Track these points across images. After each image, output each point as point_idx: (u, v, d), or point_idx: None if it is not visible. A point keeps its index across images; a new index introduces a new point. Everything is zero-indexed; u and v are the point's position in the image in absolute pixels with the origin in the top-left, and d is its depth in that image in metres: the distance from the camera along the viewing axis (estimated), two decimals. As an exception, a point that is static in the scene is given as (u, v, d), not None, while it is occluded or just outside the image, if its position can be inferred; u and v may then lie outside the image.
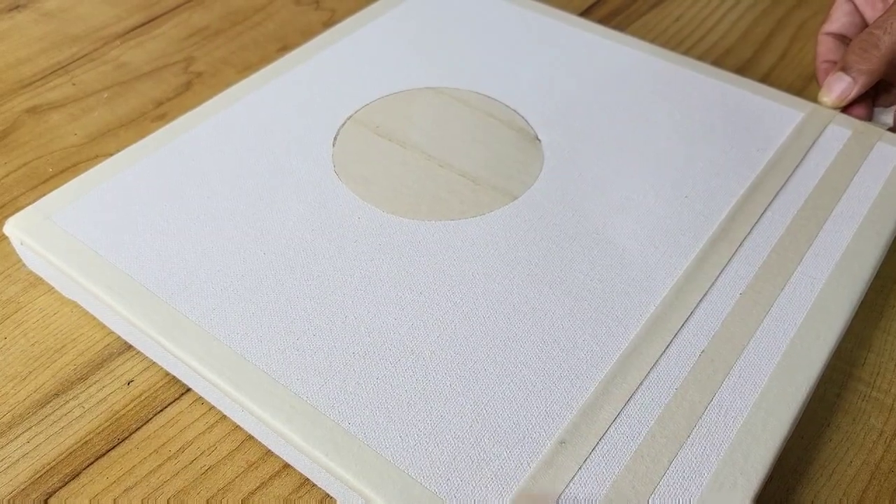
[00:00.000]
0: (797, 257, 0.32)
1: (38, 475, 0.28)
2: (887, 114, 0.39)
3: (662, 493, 0.25)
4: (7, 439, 0.29)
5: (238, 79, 0.40)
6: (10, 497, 0.27)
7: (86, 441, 0.29)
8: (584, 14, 0.51)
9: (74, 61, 0.47)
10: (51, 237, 0.32)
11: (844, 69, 0.37)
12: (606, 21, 0.50)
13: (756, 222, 0.33)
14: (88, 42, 0.48)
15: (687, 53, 0.45)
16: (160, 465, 0.28)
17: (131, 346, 0.32)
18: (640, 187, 0.35)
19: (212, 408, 0.30)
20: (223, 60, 0.47)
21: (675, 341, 0.29)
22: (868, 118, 0.39)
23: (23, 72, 0.46)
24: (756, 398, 0.27)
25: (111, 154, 0.36)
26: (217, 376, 0.27)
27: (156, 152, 0.36)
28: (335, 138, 0.37)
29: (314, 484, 0.28)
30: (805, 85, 0.45)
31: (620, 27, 0.49)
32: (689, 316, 0.30)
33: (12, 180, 0.39)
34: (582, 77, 0.41)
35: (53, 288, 0.34)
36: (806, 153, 0.36)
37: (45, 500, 0.27)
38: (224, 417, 0.30)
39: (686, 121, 0.38)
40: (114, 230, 0.32)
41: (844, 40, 0.40)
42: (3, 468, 0.28)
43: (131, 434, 0.29)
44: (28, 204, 0.33)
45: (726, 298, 0.30)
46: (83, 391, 0.31)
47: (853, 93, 0.38)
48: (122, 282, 0.30)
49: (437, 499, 0.24)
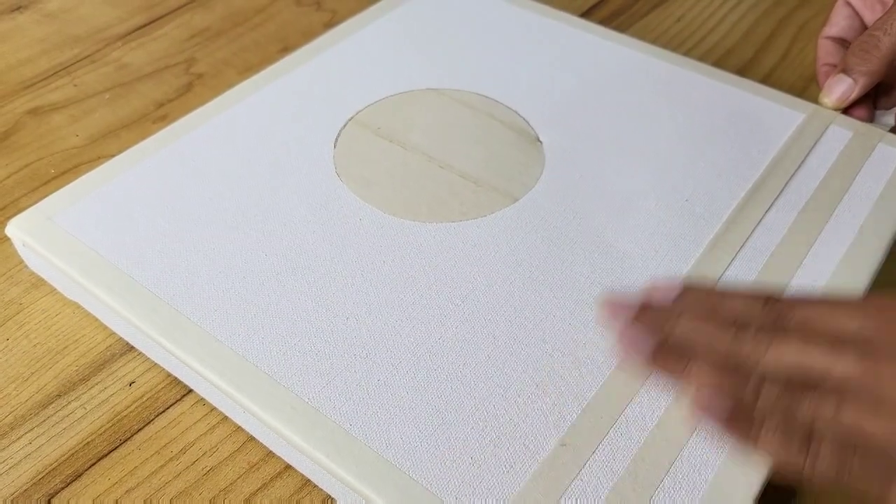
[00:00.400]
0: (798, 259, 0.32)
1: (41, 476, 0.28)
2: (888, 116, 0.39)
3: (663, 496, 0.25)
4: (9, 440, 0.29)
5: (239, 80, 0.40)
6: (13, 498, 0.28)
7: (88, 442, 0.29)
8: (585, 15, 0.51)
9: (76, 62, 0.47)
10: (53, 238, 0.32)
11: (845, 71, 0.37)
12: (607, 22, 0.50)
13: (757, 224, 0.33)
14: (90, 43, 0.48)
15: (688, 54, 0.45)
16: (162, 466, 0.28)
17: (133, 348, 0.32)
18: (641, 189, 0.35)
19: (213, 409, 0.30)
20: (224, 61, 0.47)
21: (676, 343, 0.29)
22: (869, 120, 0.39)
23: (24, 73, 0.46)
24: (756, 400, 0.27)
25: (113, 155, 0.36)
26: (218, 378, 0.27)
27: (157, 153, 0.36)
28: (336, 139, 0.37)
29: (315, 485, 0.28)
30: (806, 86, 0.45)
31: (621, 28, 0.49)
32: (690, 317, 0.30)
33: (14, 181, 0.40)
34: (583, 78, 0.41)
35: (55, 289, 0.34)
36: (807, 155, 0.36)
37: (48, 501, 0.28)
38: (226, 419, 0.30)
39: (687, 122, 0.38)
40: (115, 231, 0.32)
41: (844, 44, 0.41)
42: (6, 469, 0.28)
43: (133, 435, 0.29)
44: (30, 205, 0.33)
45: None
46: (85, 392, 0.31)
47: (854, 94, 0.38)
48: (124, 283, 0.30)
49: (438, 500, 0.24)
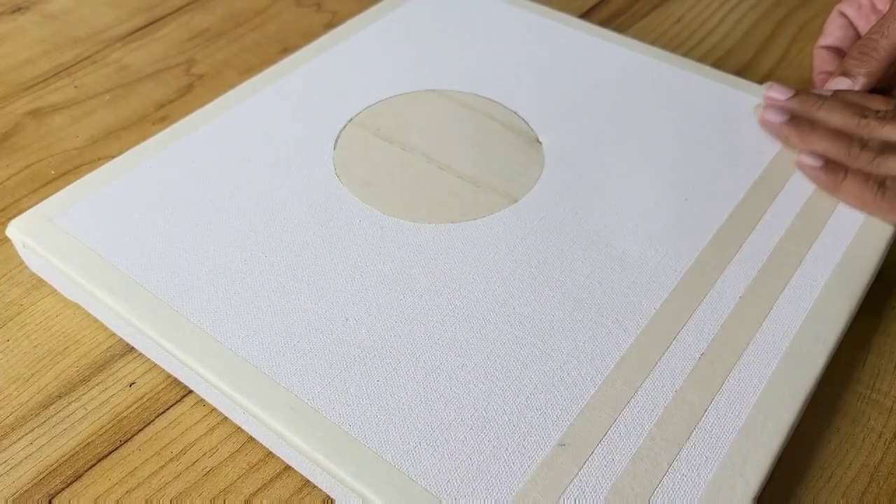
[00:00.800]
0: (796, 260, 0.32)
1: (41, 476, 0.28)
2: None
3: (662, 496, 0.25)
4: (10, 441, 0.29)
5: (239, 81, 0.41)
6: (14, 498, 0.28)
7: (88, 443, 0.29)
8: (585, 16, 0.51)
9: (76, 63, 0.47)
10: (53, 239, 0.32)
11: (844, 73, 0.38)
12: (607, 23, 0.50)
13: (755, 225, 0.33)
14: (90, 44, 0.49)
15: (687, 55, 0.45)
16: (162, 467, 0.28)
17: (133, 348, 0.32)
18: (641, 190, 0.35)
19: (213, 410, 0.30)
20: (224, 62, 0.47)
21: (675, 344, 0.29)
22: None
23: (25, 74, 0.46)
24: (755, 400, 0.27)
25: (113, 156, 0.36)
26: (218, 378, 0.27)
27: (157, 155, 0.36)
28: (336, 141, 0.37)
29: (315, 485, 0.28)
30: (806, 86, 0.45)
31: (621, 29, 0.49)
32: (689, 318, 0.30)
33: (14, 183, 0.40)
34: (582, 79, 0.41)
35: (56, 290, 0.34)
36: (806, 155, 0.36)
37: (48, 502, 0.28)
38: (225, 419, 0.30)
39: (686, 123, 0.38)
40: (116, 232, 0.32)
41: (839, 53, 0.41)
42: (6, 470, 0.28)
43: (133, 436, 0.29)
44: (30, 206, 0.34)
45: (726, 301, 0.30)
46: (85, 393, 0.31)
47: (853, 94, 0.38)
48: (124, 284, 0.30)
49: (437, 500, 0.24)
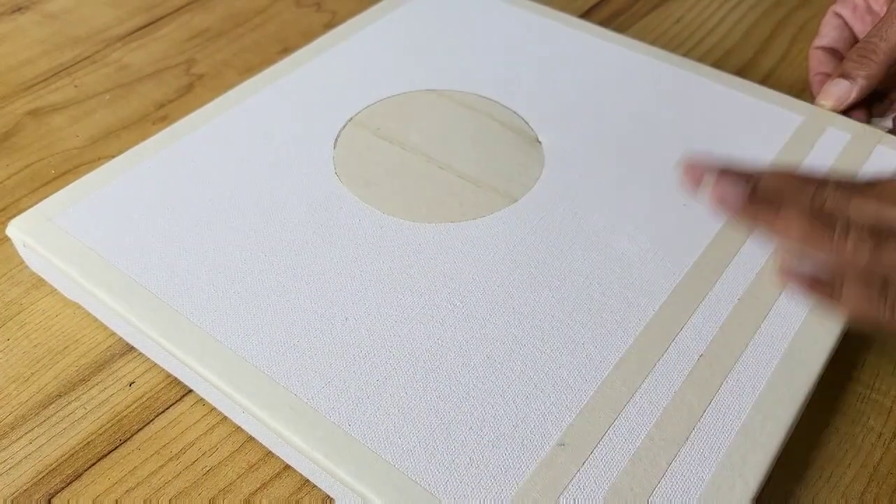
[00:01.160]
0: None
1: (41, 476, 0.28)
2: (884, 122, 0.39)
3: (661, 496, 0.25)
4: (10, 440, 0.29)
5: (239, 81, 0.41)
6: (13, 497, 0.28)
7: (88, 442, 0.29)
8: (585, 16, 0.51)
9: (76, 63, 0.47)
10: (53, 239, 0.32)
11: (843, 76, 0.38)
12: (607, 23, 0.50)
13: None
14: (90, 44, 0.49)
15: (687, 55, 0.45)
16: (162, 466, 0.28)
17: (133, 348, 0.32)
18: (640, 190, 0.35)
19: (213, 409, 0.30)
20: (224, 62, 0.47)
21: (674, 345, 0.29)
22: (865, 123, 0.39)
23: (25, 74, 0.46)
24: (754, 401, 0.27)
25: (113, 156, 0.36)
26: (218, 378, 0.28)
27: (157, 154, 0.36)
28: (336, 140, 0.37)
29: (314, 485, 0.28)
30: (805, 87, 0.45)
31: (621, 29, 0.49)
32: (688, 319, 0.30)
33: (14, 182, 0.40)
34: (582, 79, 0.41)
35: (56, 289, 0.34)
36: (805, 157, 0.36)
37: (48, 501, 0.28)
38: (225, 419, 0.30)
39: (686, 123, 0.38)
40: (115, 232, 0.32)
41: (835, 54, 0.41)
42: (6, 469, 0.28)
43: (133, 435, 0.29)
44: (30, 206, 0.34)
45: (725, 302, 0.30)
46: (85, 392, 0.31)
47: (852, 96, 0.38)
48: (124, 283, 0.30)
49: (436, 500, 0.24)
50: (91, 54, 0.48)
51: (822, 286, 0.23)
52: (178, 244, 0.32)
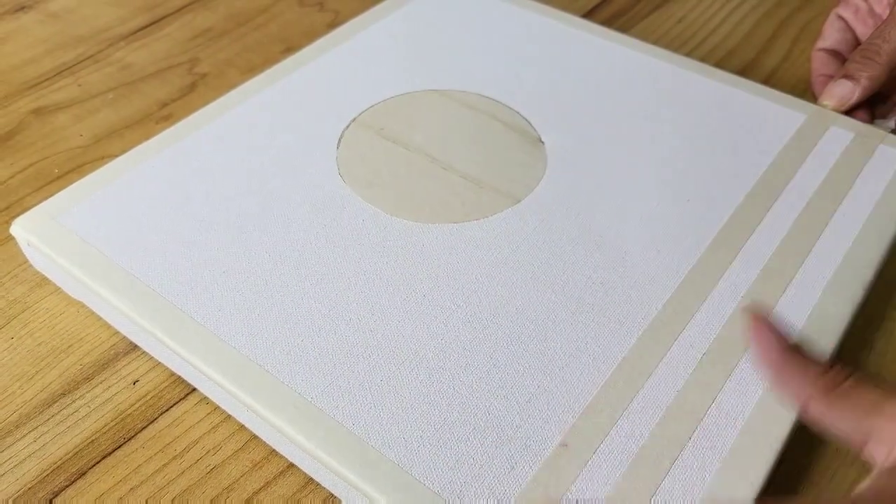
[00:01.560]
0: (799, 260, 0.32)
1: (45, 474, 0.28)
2: (887, 123, 0.39)
3: (664, 496, 0.25)
4: (14, 438, 0.29)
5: (242, 80, 0.41)
6: (18, 495, 0.28)
7: (92, 440, 0.29)
8: (587, 16, 0.51)
9: (79, 62, 0.47)
10: (57, 238, 0.32)
11: (846, 77, 0.38)
12: (609, 23, 0.50)
13: (758, 225, 0.33)
14: (93, 43, 0.49)
15: (689, 55, 0.45)
16: (165, 465, 0.29)
17: (137, 347, 0.32)
18: (643, 190, 0.35)
19: (217, 408, 0.30)
20: (227, 62, 0.47)
21: (677, 344, 0.29)
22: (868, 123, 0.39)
23: (28, 73, 0.46)
24: (757, 400, 0.27)
25: (116, 155, 0.36)
26: (222, 376, 0.28)
27: (160, 153, 0.36)
28: (339, 140, 0.37)
29: (318, 483, 0.28)
30: (807, 87, 0.45)
31: (623, 29, 0.49)
32: (691, 319, 0.30)
33: (18, 181, 0.40)
34: (585, 80, 0.41)
35: (60, 288, 0.34)
36: (808, 155, 0.36)
37: (52, 499, 0.28)
38: (229, 417, 0.30)
39: (689, 123, 0.38)
40: (119, 231, 0.32)
41: (838, 56, 0.41)
42: (11, 467, 0.28)
43: (137, 433, 0.29)
44: (34, 205, 0.34)
45: (728, 301, 0.30)
46: (89, 391, 0.31)
47: (855, 97, 0.38)
48: (128, 282, 0.30)
49: (440, 499, 0.24)
50: (94, 53, 0.48)
51: None
52: (182, 243, 0.32)
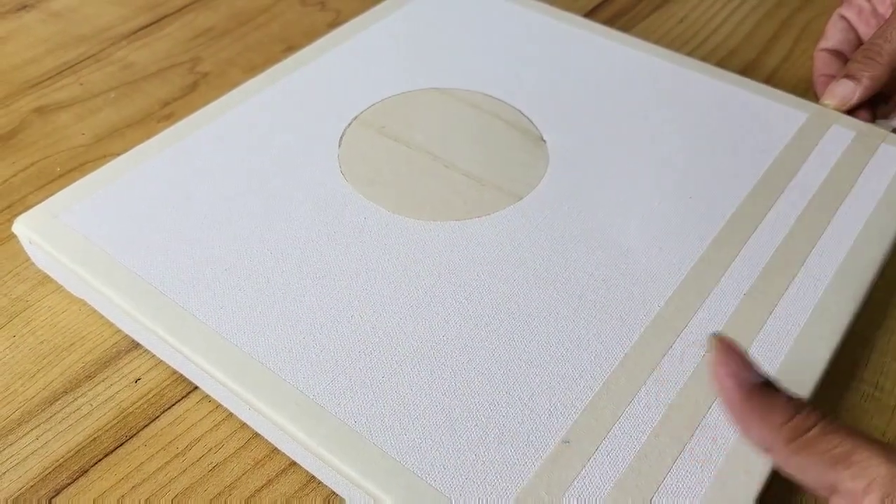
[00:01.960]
0: (801, 258, 0.32)
1: (47, 472, 0.28)
2: (888, 124, 0.39)
3: (665, 493, 0.25)
4: (16, 436, 0.29)
5: (244, 79, 0.41)
6: (20, 493, 0.28)
7: (94, 438, 0.29)
8: (589, 15, 0.51)
9: (81, 61, 0.47)
10: (59, 236, 0.32)
11: (848, 77, 0.38)
12: (611, 22, 0.50)
13: (760, 223, 0.33)
14: (95, 42, 0.49)
15: (691, 55, 0.45)
16: (167, 463, 0.29)
17: (139, 345, 0.32)
18: (645, 188, 0.35)
19: (219, 406, 0.30)
20: (229, 61, 0.48)
21: (679, 341, 0.29)
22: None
23: (30, 72, 0.46)
24: (759, 398, 0.27)
25: (118, 154, 0.36)
26: (223, 374, 0.28)
27: (162, 152, 0.36)
28: (341, 139, 0.37)
29: (320, 481, 0.28)
30: (809, 86, 0.45)
31: (624, 28, 0.49)
32: (693, 316, 0.30)
33: (20, 179, 0.40)
34: (586, 78, 0.41)
35: (62, 286, 0.34)
36: (809, 154, 0.36)
37: (54, 497, 0.28)
38: (231, 415, 0.30)
39: (690, 122, 0.38)
40: (121, 229, 0.32)
41: (840, 56, 0.42)
42: (13, 465, 0.29)
43: (139, 431, 0.29)
44: (36, 203, 0.34)
45: (730, 299, 0.30)
46: (91, 389, 0.31)
47: (856, 96, 0.38)
48: (130, 280, 0.30)
49: (442, 496, 0.24)
50: (96, 52, 0.48)
51: None
52: (184, 241, 0.32)
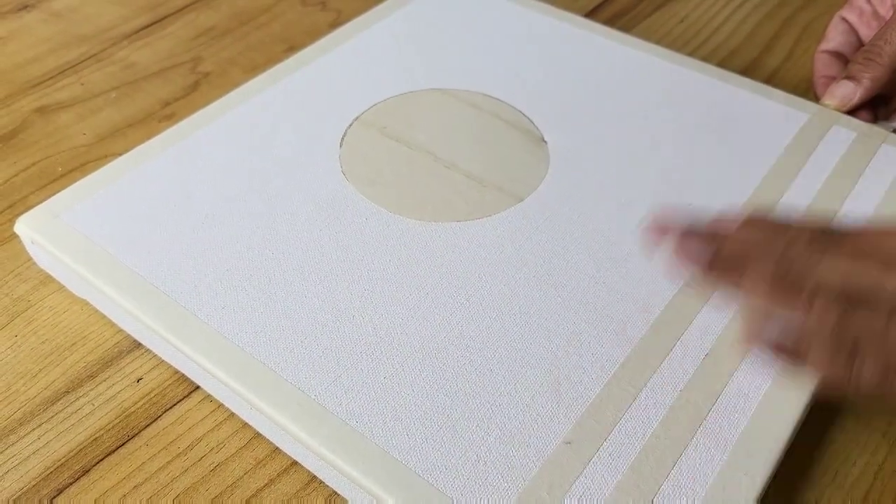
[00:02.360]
0: (801, 259, 0.32)
1: (49, 471, 0.28)
2: (889, 125, 0.39)
3: (666, 494, 0.25)
4: (18, 436, 0.29)
5: (245, 79, 0.41)
6: (21, 493, 0.28)
7: (96, 438, 0.29)
8: (590, 15, 0.51)
9: (82, 61, 0.47)
10: (61, 236, 0.32)
11: (848, 78, 0.38)
12: (612, 22, 0.50)
13: (760, 224, 0.33)
14: (96, 42, 0.49)
15: (692, 55, 0.45)
16: (169, 462, 0.29)
17: (140, 344, 0.32)
18: (645, 189, 0.35)
19: (220, 405, 0.30)
20: (230, 61, 0.48)
21: (680, 344, 0.29)
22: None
23: (31, 72, 0.46)
24: (759, 399, 0.27)
25: (120, 153, 0.37)
26: (225, 374, 0.28)
27: (164, 152, 0.36)
28: (342, 139, 0.37)
29: (322, 481, 0.28)
30: (810, 86, 0.45)
31: (625, 29, 0.49)
32: (694, 318, 0.30)
33: (22, 179, 0.40)
34: (587, 79, 0.41)
35: (63, 286, 0.34)
36: (810, 155, 0.36)
37: (56, 497, 0.28)
38: (232, 415, 0.30)
39: (691, 122, 0.38)
40: (123, 229, 0.32)
41: (841, 58, 0.42)
42: (15, 464, 0.29)
43: (140, 431, 0.30)
44: (38, 203, 0.34)
45: (731, 301, 0.30)
46: (93, 388, 0.31)
47: (857, 97, 0.38)
48: (132, 280, 0.30)
49: (444, 497, 0.25)
50: (97, 52, 0.48)
51: (789, 351, 0.22)
52: (185, 241, 0.32)
